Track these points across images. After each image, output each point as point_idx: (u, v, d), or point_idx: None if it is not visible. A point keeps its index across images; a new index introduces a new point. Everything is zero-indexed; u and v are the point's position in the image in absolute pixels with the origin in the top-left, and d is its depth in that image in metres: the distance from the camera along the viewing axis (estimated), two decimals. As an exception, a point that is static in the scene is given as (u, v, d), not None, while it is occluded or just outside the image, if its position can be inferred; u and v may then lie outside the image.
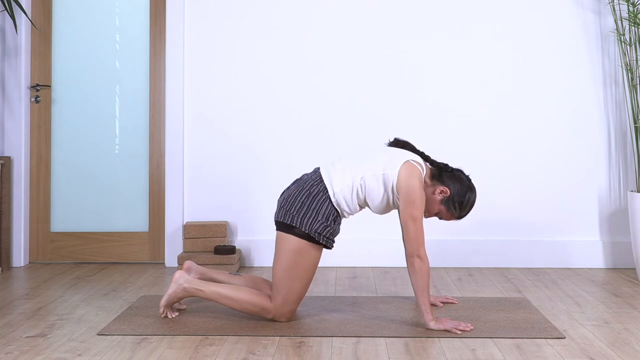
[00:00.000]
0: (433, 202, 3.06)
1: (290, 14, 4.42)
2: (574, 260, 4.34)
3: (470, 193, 3.05)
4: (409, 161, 2.99)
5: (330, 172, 3.02)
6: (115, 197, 4.50)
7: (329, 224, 2.96)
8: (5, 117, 4.40)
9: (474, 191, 3.07)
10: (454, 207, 3.04)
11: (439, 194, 3.04)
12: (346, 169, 3.01)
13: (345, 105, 4.41)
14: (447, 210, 3.06)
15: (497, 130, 4.38)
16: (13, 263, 4.38)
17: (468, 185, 3.06)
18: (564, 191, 4.37)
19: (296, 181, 3.08)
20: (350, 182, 2.98)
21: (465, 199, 3.04)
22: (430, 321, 2.89)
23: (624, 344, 2.74)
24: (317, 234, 2.94)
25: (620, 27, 4.25)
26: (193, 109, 4.44)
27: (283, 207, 3.00)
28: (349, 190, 2.98)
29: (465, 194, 3.04)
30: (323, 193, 2.97)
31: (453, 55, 4.39)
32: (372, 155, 3.04)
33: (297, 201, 2.97)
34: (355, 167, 3.01)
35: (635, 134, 4.09)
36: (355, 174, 2.99)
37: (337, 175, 2.99)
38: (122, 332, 2.87)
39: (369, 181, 2.98)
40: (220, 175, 4.43)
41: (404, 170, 2.96)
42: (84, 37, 4.52)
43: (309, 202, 2.96)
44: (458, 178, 3.06)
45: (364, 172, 2.99)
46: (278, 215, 3.01)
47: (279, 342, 2.75)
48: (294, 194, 3.00)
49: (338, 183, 2.98)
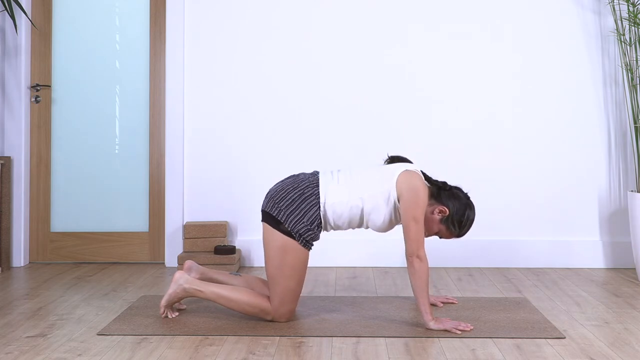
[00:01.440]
0: (432, 222, 3.04)
1: (290, 14, 4.42)
2: (574, 260, 4.34)
3: (469, 211, 3.03)
4: (406, 170, 2.99)
5: (328, 181, 2.99)
6: (115, 197, 4.50)
7: (311, 229, 2.95)
8: (5, 117, 4.40)
9: (473, 209, 3.05)
10: (454, 227, 3.03)
11: (438, 214, 3.02)
12: (344, 185, 2.98)
13: (345, 105, 4.41)
14: (446, 229, 3.04)
15: (497, 130, 4.38)
16: (13, 263, 4.38)
17: (466, 203, 3.03)
18: (564, 191, 4.37)
19: (292, 177, 3.06)
20: (347, 199, 2.95)
21: (464, 217, 3.02)
22: (430, 321, 2.89)
23: (624, 344, 2.74)
24: (297, 235, 2.93)
25: (620, 27, 4.25)
26: (193, 109, 4.44)
27: (273, 199, 2.98)
28: (341, 206, 2.95)
29: (464, 212, 3.02)
30: (315, 197, 2.95)
31: (453, 56, 4.39)
32: (371, 174, 3.01)
33: (289, 197, 2.96)
34: (353, 185, 2.98)
35: (635, 134, 4.09)
36: (353, 193, 2.96)
37: (334, 188, 2.97)
38: (122, 332, 2.87)
39: (367, 202, 2.96)
40: (220, 175, 4.43)
41: (403, 175, 2.96)
42: (84, 37, 4.52)
43: (299, 202, 2.95)
44: (456, 196, 3.03)
45: (362, 193, 2.96)
46: (266, 206, 2.99)
47: (279, 342, 2.75)
48: (288, 189, 2.98)
49: (332, 196, 2.95)
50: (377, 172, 3.02)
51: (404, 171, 2.98)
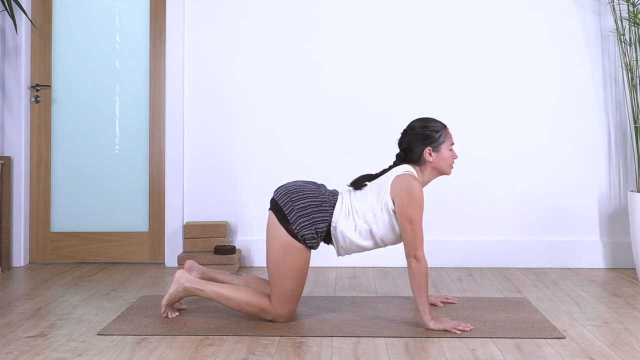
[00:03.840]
0: (438, 159, 3.03)
1: (291, 14, 4.42)
2: (574, 260, 4.34)
3: (425, 122, 3.04)
4: (397, 176, 2.98)
5: (340, 209, 2.97)
6: (115, 197, 4.50)
7: (316, 237, 2.96)
8: (5, 117, 4.40)
9: (426, 119, 3.07)
10: (437, 138, 3.02)
11: (428, 156, 3.03)
12: (351, 212, 2.98)
13: (346, 105, 4.41)
14: (437, 144, 3.03)
15: (496, 130, 4.38)
16: (13, 263, 4.38)
17: (420, 126, 3.04)
18: (564, 191, 4.38)
19: (315, 185, 3.05)
20: (353, 224, 2.96)
21: (428, 124, 3.04)
22: (430, 321, 2.89)
23: (624, 344, 2.74)
24: (302, 237, 2.94)
25: (620, 27, 4.25)
26: (193, 109, 4.44)
27: (289, 194, 2.97)
28: (350, 234, 2.97)
29: (424, 125, 3.04)
30: (328, 215, 2.96)
31: (453, 55, 4.39)
32: (369, 194, 3.00)
33: (306, 201, 2.95)
34: (357, 209, 2.98)
35: (635, 134, 4.09)
36: (357, 218, 2.97)
37: (343, 217, 2.97)
38: (122, 332, 2.87)
39: (373, 222, 2.96)
40: (220, 176, 4.43)
41: (395, 182, 2.96)
42: (84, 37, 4.52)
43: (312, 211, 2.95)
44: (410, 134, 3.04)
45: (366, 215, 2.97)
46: (281, 199, 2.97)
47: (279, 342, 2.75)
48: (308, 193, 2.97)
49: (342, 223, 2.96)
50: (373, 190, 3.02)
51: (395, 178, 2.98)
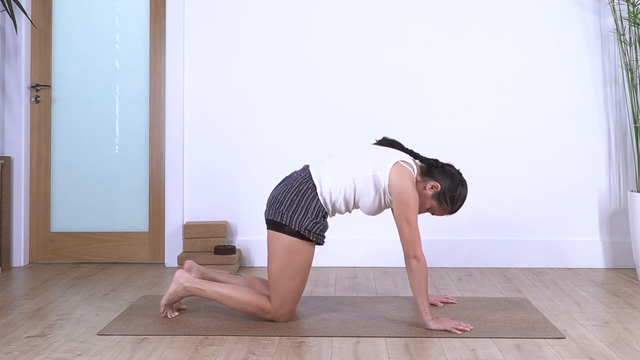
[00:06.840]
0: (425, 197, 3.05)
1: (290, 14, 4.42)
2: (574, 260, 4.34)
3: (461, 187, 3.04)
4: (399, 162, 2.98)
5: (320, 170, 3.01)
6: (115, 197, 4.50)
7: (318, 221, 2.96)
8: (5, 117, 4.40)
9: (465, 185, 3.06)
10: (446, 202, 3.03)
11: (430, 189, 3.03)
12: (336, 169, 3.00)
13: (346, 105, 4.41)
14: (439, 205, 3.05)
15: (497, 130, 4.38)
16: (13, 263, 4.38)
17: (459, 180, 3.05)
18: (564, 191, 4.37)
19: (285, 179, 3.07)
20: (340, 182, 2.97)
21: (456, 193, 3.03)
22: (430, 321, 2.89)
23: (624, 344, 2.74)
24: (307, 231, 2.94)
25: (620, 27, 4.25)
26: (193, 109, 4.44)
27: (273, 205, 3.00)
28: (337, 190, 2.97)
29: (456, 188, 3.03)
30: (312, 190, 2.97)
31: (452, 56, 4.39)
32: (361, 155, 3.02)
33: (287, 199, 2.97)
34: (344, 168, 2.99)
35: (635, 134, 4.09)
36: (345, 176, 2.98)
37: (327, 175, 2.99)
38: (122, 332, 2.87)
39: (359, 183, 2.97)
40: (220, 175, 4.43)
41: (395, 172, 2.96)
42: (84, 37, 4.52)
43: (297, 200, 2.96)
44: (448, 173, 3.05)
45: (354, 174, 2.98)
46: (268, 214, 3.01)
47: (279, 342, 2.75)
48: (283, 191, 2.99)
49: (327, 182, 2.97)
50: (369, 155, 3.02)
51: (396, 163, 2.98)
